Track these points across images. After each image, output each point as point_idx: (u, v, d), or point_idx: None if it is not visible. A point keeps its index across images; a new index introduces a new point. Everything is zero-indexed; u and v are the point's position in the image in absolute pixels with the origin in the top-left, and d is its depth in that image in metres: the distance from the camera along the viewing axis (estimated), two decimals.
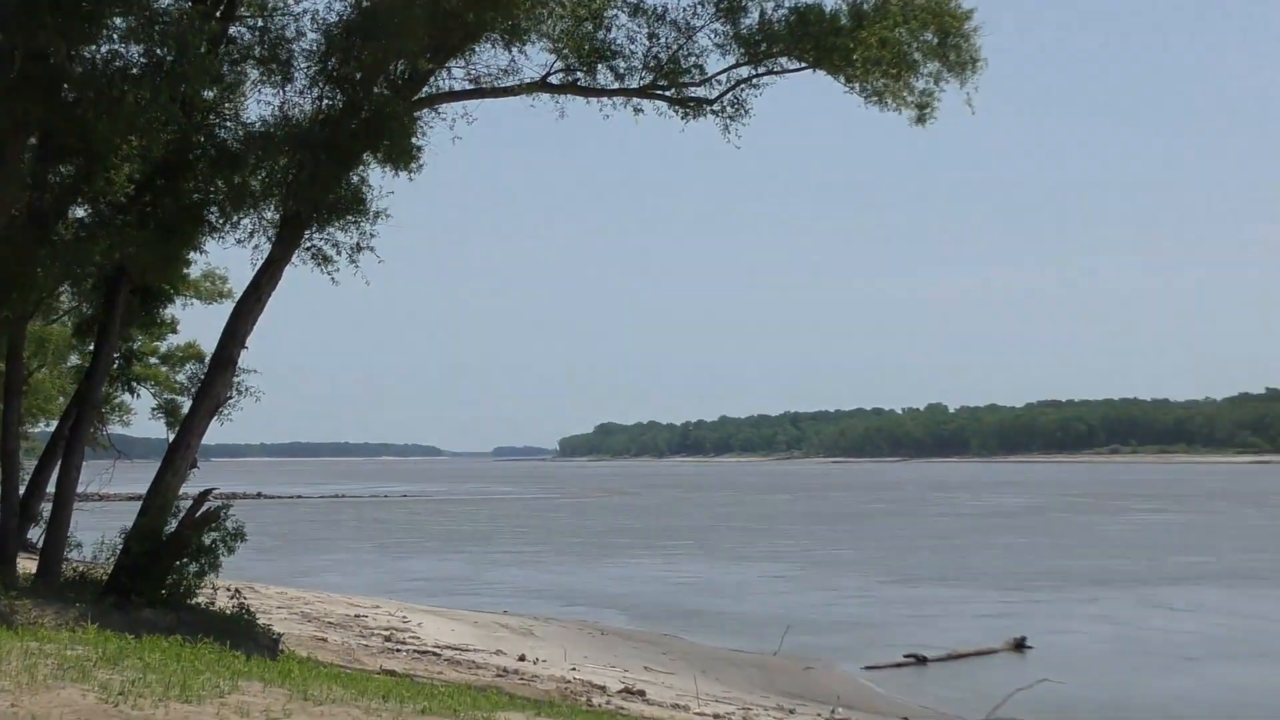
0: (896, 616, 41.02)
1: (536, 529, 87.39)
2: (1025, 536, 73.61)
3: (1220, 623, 38.39)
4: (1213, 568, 53.61)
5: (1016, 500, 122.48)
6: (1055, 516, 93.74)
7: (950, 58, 22.35)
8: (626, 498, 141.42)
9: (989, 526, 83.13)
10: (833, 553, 64.66)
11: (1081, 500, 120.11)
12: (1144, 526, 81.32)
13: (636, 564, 59.84)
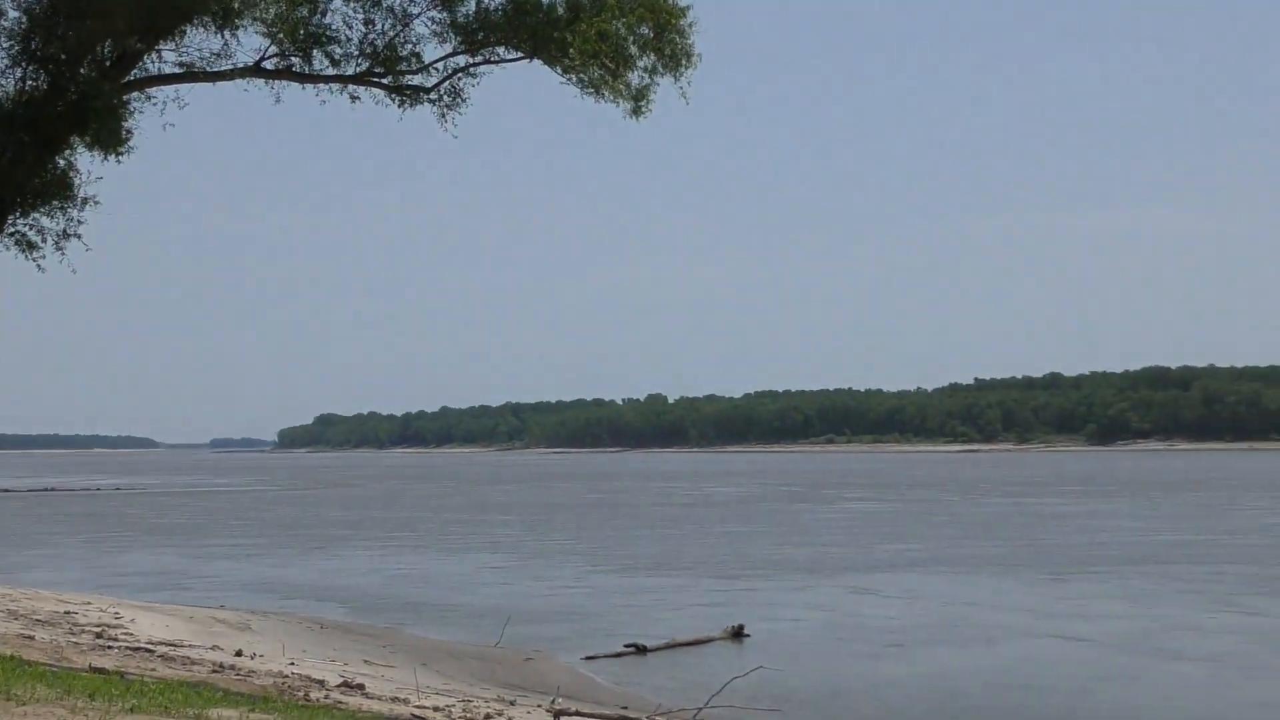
0: (616, 606, 41.26)
1: (254, 521, 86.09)
2: (741, 525, 74.77)
3: (927, 609, 39.40)
4: (919, 555, 55.05)
5: (733, 490, 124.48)
6: (770, 506, 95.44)
7: (666, 52, 22.57)
8: (346, 489, 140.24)
9: (706, 516, 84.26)
10: (552, 543, 64.87)
11: (796, 489, 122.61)
12: (856, 515, 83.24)
13: (355, 556, 59.27)
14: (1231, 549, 55.38)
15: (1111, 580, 45.54)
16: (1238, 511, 79.92)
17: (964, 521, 74.90)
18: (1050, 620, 36.64)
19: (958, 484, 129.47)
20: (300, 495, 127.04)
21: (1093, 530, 67.07)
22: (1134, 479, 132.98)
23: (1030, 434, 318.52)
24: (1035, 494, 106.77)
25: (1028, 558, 53.16)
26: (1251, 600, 39.89)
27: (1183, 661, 30.15)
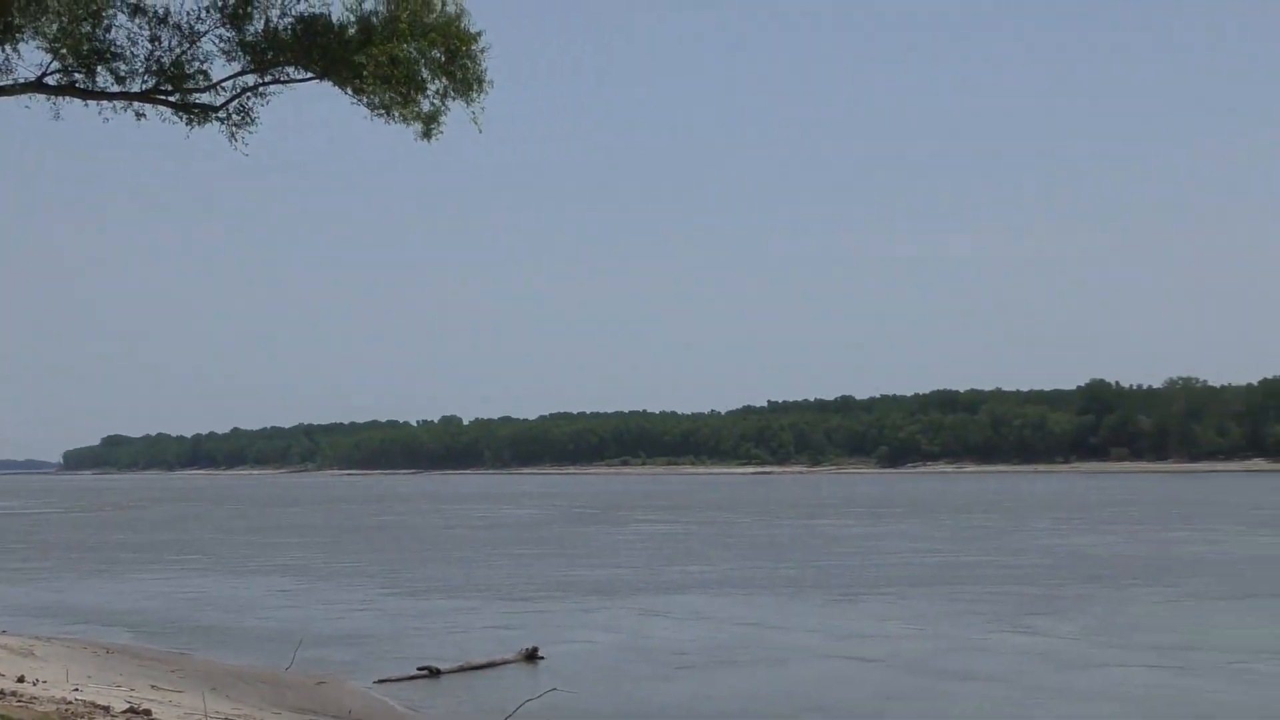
0: (407, 629, 41.03)
1: (37, 544, 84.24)
2: (533, 548, 74.71)
3: (718, 630, 39.68)
4: (711, 576, 55.49)
5: (526, 512, 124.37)
6: (563, 528, 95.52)
7: (458, 77, 22.54)
8: (133, 512, 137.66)
9: (498, 538, 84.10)
10: (342, 566, 64.28)
11: (590, 511, 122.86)
12: (648, 536, 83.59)
13: (141, 580, 58.25)
14: (1013, 570, 56.57)
15: (898, 601, 46.31)
16: (1020, 533, 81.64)
17: (755, 543, 75.60)
18: (839, 641, 37.13)
19: (750, 506, 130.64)
20: (85, 518, 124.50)
21: (880, 552, 68.09)
22: (922, 501, 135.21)
23: (822, 456, 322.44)
24: (825, 516, 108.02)
25: (816, 579, 53.83)
26: (1032, 620, 40.77)
27: (970, 681, 30.70)
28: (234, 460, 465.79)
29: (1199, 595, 46.70)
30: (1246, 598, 45.74)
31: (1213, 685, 29.61)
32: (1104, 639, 36.74)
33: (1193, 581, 50.86)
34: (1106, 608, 43.61)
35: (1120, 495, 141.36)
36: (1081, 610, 42.98)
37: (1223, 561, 59.24)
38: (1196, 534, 77.68)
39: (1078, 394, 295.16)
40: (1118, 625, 39.51)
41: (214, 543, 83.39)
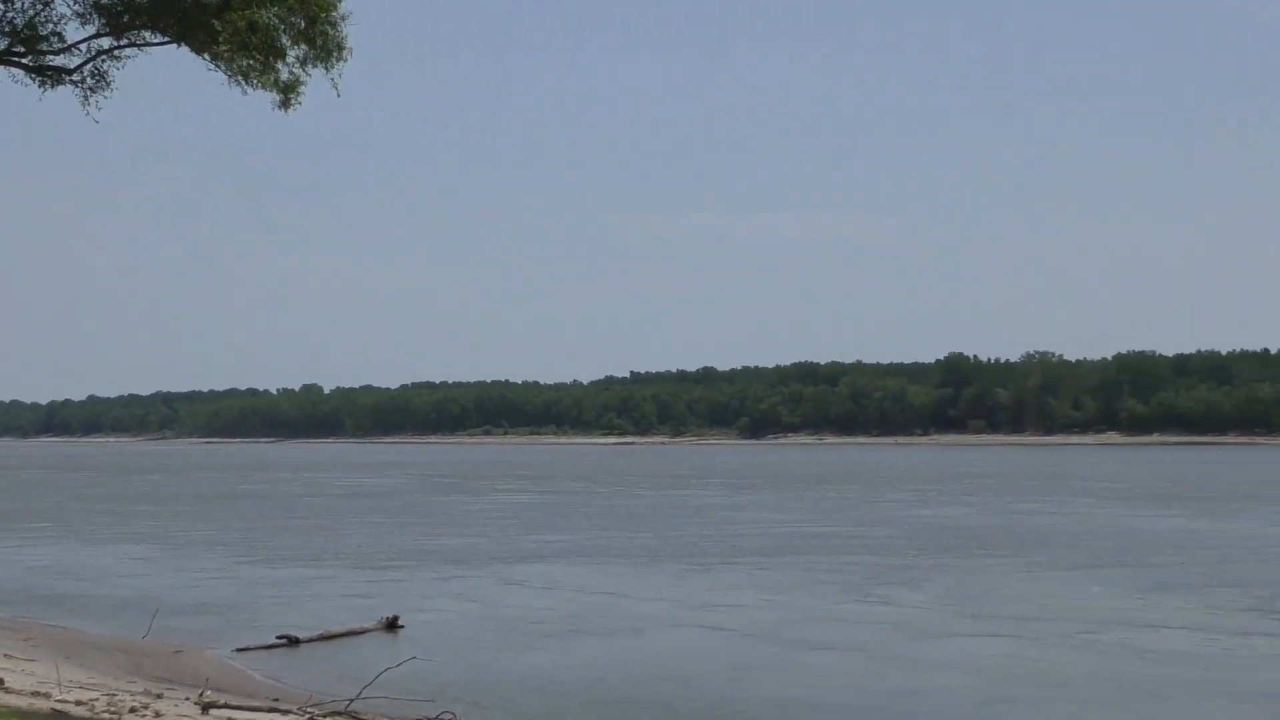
0: (265, 598, 40.82)
1: None
2: (392, 517, 74.65)
3: (576, 600, 39.86)
4: (568, 546, 55.73)
5: (385, 481, 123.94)
6: (422, 498, 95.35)
7: (317, 43, 22.35)
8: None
9: (356, 507, 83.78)
10: (196, 534, 63.83)
11: (449, 481, 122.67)
12: (507, 506, 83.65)
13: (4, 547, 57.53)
14: (867, 540, 57.32)
15: (753, 571, 46.78)
16: (874, 504, 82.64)
17: (613, 513, 75.89)
18: (695, 611, 37.43)
19: (609, 476, 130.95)
20: None
21: (736, 522, 68.69)
22: (780, 472, 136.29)
23: (684, 427, 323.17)
24: (684, 486, 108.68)
25: (672, 549, 54.22)
26: (885, 590, 41.33)
27: (825, 651, 31.10)
28: (90, 428, 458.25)
29: (1046, 566, 47.56)
30: (1091, 569, 46.63)
31: (1063, 656, 30.21)
32: (955, 609, 37.39)
33: (1041, 552, 51.86)
34: (957, 578, 44.34)
35: (976, 467, 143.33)
36: (933, 580, 43.68)
37: (1070, 533, 60.39)
38: (1047, 506, 79.08)
39: (936, 367, 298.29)
40: (968, 595, 40.21)
41: (68, 510, 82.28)
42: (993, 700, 25.41)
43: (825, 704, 25.11)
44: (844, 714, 24.22)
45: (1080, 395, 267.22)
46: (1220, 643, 31.88)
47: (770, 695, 25.89)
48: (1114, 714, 24.43)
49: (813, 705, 24.95)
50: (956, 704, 25.13)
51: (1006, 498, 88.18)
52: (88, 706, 20.97)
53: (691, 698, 25.70)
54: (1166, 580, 43.36)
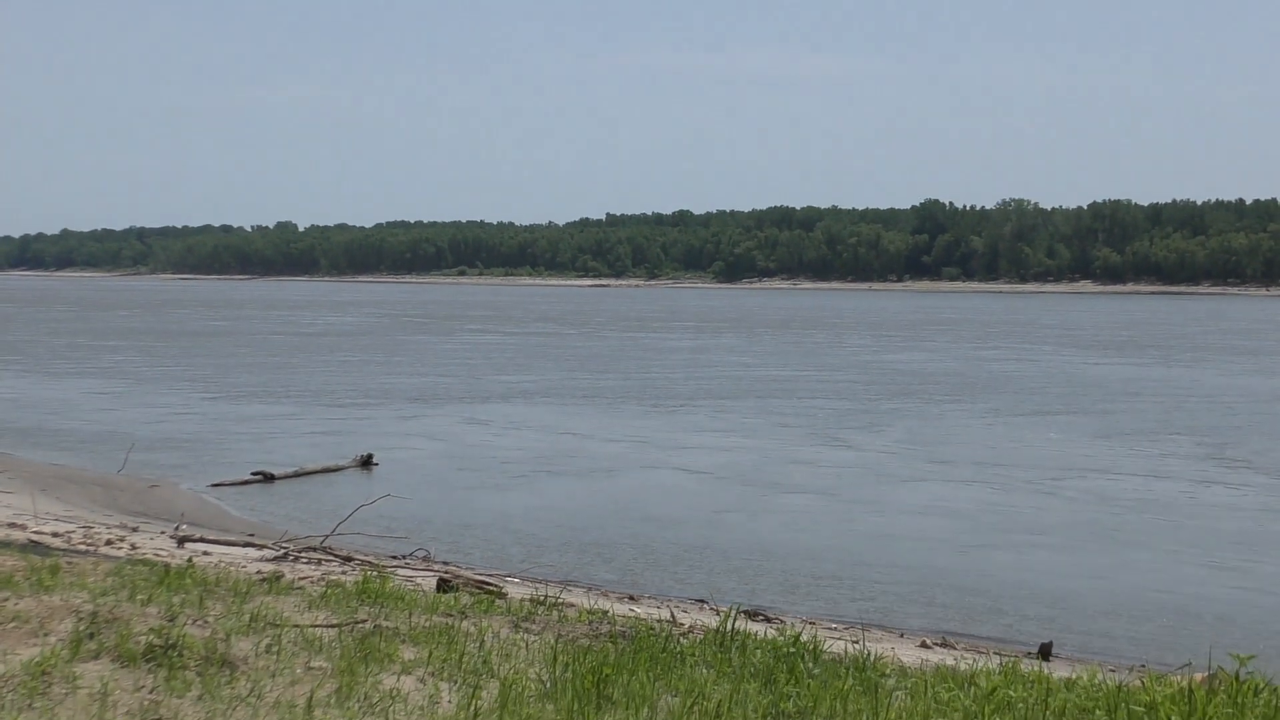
0: (236, 435, 40.92)
1: None
2: (361, 355, 75.04)
3: (545, 440, 40.03)
4: (535, 386, 56.06)
5: (354, 319, 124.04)
6: (391, 337, 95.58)
7: None
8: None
9: (325, 345, 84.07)
10: (165, 370, 63.89)
11: (419, 321, 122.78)
12: (474, 347, 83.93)
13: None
14: (829, 385, 57.69)
15: (717, 414, 47.10)
16: (839, 349, 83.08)
17: (579, 355, 76.23)
18: (664, 452, 37.66)
19: (578, 318, 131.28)
20: None
21: (701, 365, 69.22)
22: (749, 317, 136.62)
23: (659, 270, 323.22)
24: (651, 329, 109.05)
25: (637, 391, 54.60)
26: (847, 434, 41.63)
27: (799, 494, 31.26)
28: (63, 262, 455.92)
29: (1004, 412, 47.96)
30: (1049, 415, 47.02)
31: (1031, 502, 30.43)
32: (918, 454, 37.68)
33: (999, 398, 52.48)
34: (918, 423, 44.76)
35: (947, 314, 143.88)
36: (893, 425, 44.10)
37: (1029, 379, 60.96)
38: (1009, 353, 79.62)
39: (912, 214, 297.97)
40: (929, 440, 40.57)
41: (37, 345, 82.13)
42: (969, 546, 25.57)
43: (804, 548, 25.22)
44: (823, 557, 24.35)
45: (1054, 244, 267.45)
46: (1182, 489, 32.17)
47: (749, 539, 25.99)
48: (1095, 560, 24.57)
49: (792, 549, 25.05)
50: (935, 548, 25.27)
51: (970, 344, 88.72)
52: (64, 538, 21.06)
53: (670, 540, 25.77)
54: (1121, 426, 43.84)
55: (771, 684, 8.78)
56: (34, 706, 7.31)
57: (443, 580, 16.98)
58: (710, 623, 12.66)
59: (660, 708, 8.10)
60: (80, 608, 9.74)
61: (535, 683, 8.57)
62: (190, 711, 7.43)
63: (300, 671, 8.52)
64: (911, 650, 16.13)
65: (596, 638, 10.50)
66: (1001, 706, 8.44)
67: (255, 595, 11.23)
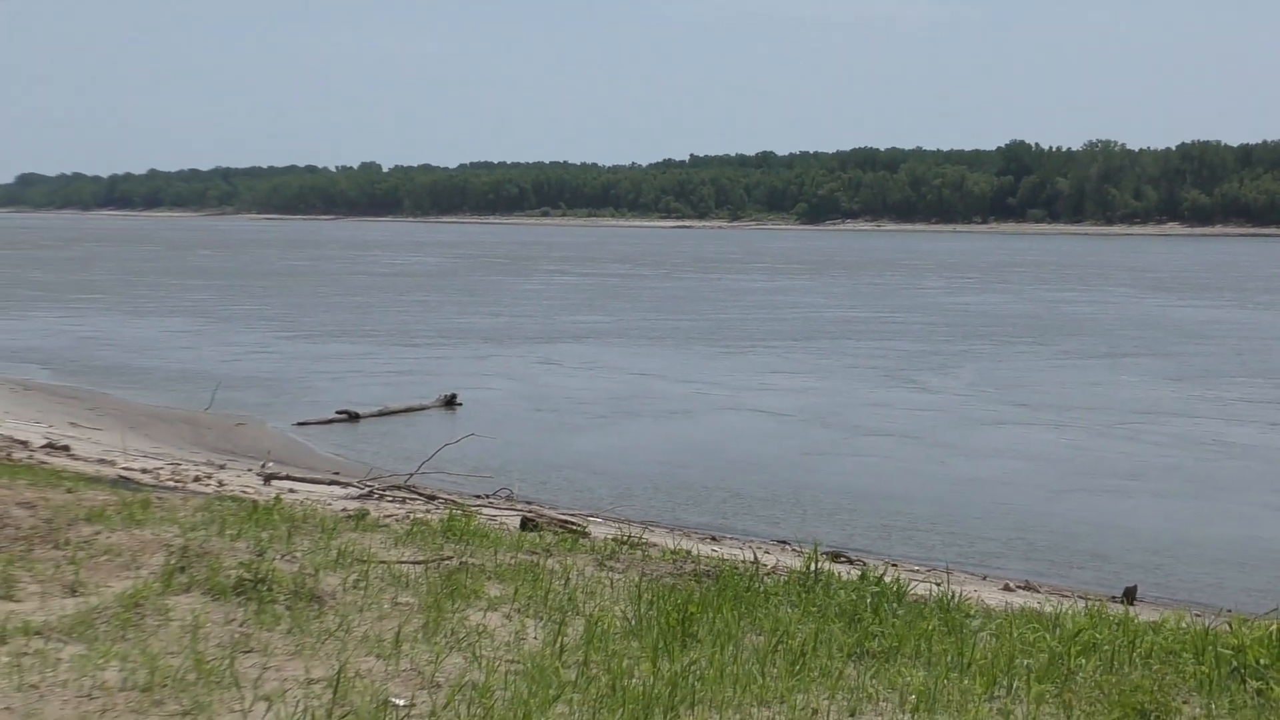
0: (319, 374, 41.23)
1: None
2: (439, 295, 75.68)
3: (619, 380, 40.08)
4: (609, 326, 56.29)
5: (434, 259, 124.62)
6: (470, 277, 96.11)
7: None
8: (49, 251, 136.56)
9: (404, 285, 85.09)
10: (251, 309, 64.48)
11: (498, 261, 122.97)
12: (551, 287, 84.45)
13: (46, 318, 58.16)
14: (903, 326, 57.88)
15: (793, 355, 47.13)
16: (916, 291, 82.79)
17: (656, 296, 76.32)
18: (741, 394, 37.63)
19: (655, 259, 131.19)
20: (5, 255, 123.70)
21: (777, 306, 69.26)
22: (830, 258, 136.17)
23: (742, 211, 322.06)
24: (731, 271, 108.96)
25: (712, 331, 54.87)
26: (922, 376, 41.42)
27: (881, 437, 31.06)
28: (151, 202, 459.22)
29: (1078, 354, 47.62)
30: (1125, 357, 46.69)
31: (1117, 446, 30.16)
32: (996, 396, 37.50)
33: (1072, 341, 52.15)
34: (995, 365, 44.70)
35: (1029, 256, 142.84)
36: (966, 366, 44.08)
37: (1107, 321, 60.48)
38: (1087, 295, 78.99)
39: (997, 155, 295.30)
40: (1005, 382, 40.40)
41: (123, 284, 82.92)
42: (1051, 491, 25.38)
43: (886, 491, 25.09)
44: (905, 500, 24.24)
45: (1142, 185, 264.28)
46: (1263, 434, 31.86)
47: (830, 481, 25.88)
48: (1179, 505, 24.35)
49: (873, 492, 24.95)
50: (1017, 492, 25.10)
51: (1047, 286, 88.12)
52: (153, 474, 21.30)
53: (752, 482, 25.72)
54: (1198, 369, 43.57)
55: (856, 623, 8.79)
56: (127, 638, 7.42)
57: (526, 519, 17.07)
58: (794, 564, 12.66)
59: (745, 645, 8.13)
60: (171, 542, 9.87)
61: (620, 620, 8.61)
62: (280, 644, 7.52)
63: (387, 607, 8.61)
64: (995, 593, 16.10)
65: (680, 576, 10.53)
66: (1087, 648, 8.41)
67: (342, 532, 11.34)
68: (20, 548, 9.44)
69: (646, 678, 7.12)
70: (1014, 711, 7.09)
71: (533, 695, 6.70)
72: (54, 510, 10.83)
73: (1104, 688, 7.56)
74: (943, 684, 7.36)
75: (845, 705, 7.04)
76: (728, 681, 7.18)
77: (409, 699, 6.65)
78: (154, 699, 6.40)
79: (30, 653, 7.00)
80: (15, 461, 19.56)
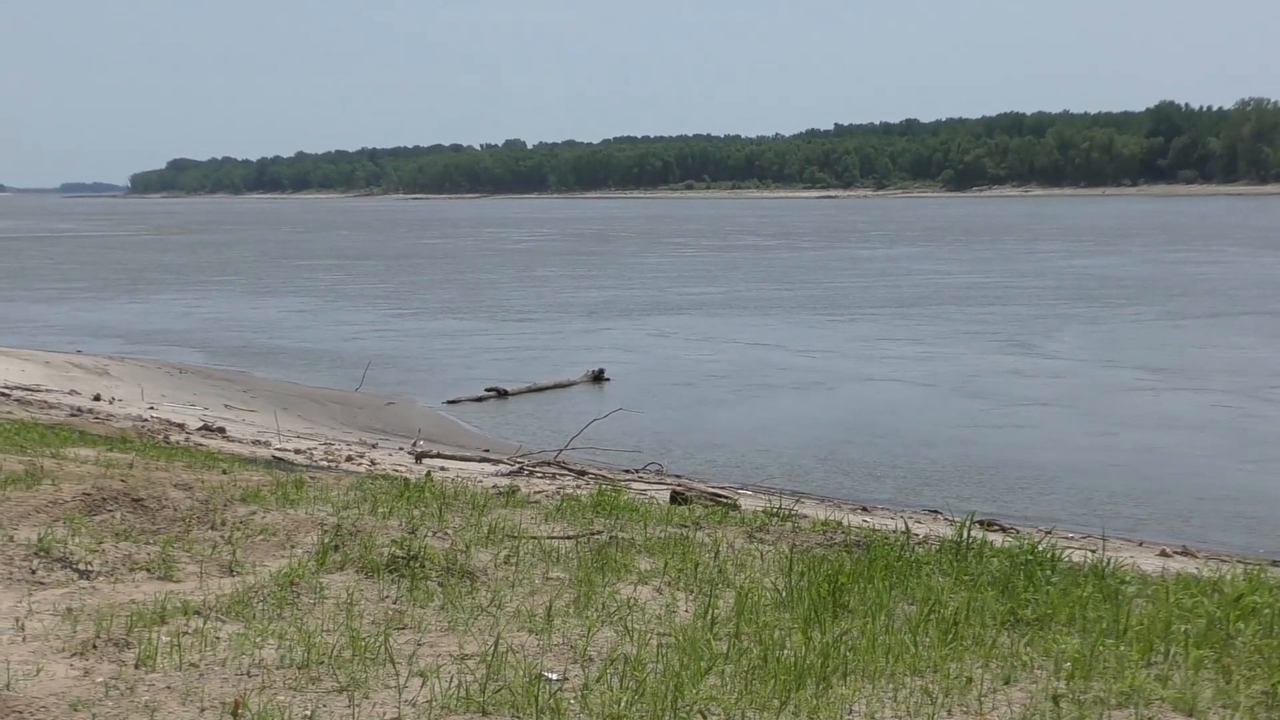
0: (455, 351, 41.61)
1: (99, 265, 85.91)
2: (567, 269, 77.42)
3: (754, 353, 39.99)
4: (729, 298, 57.49)
5: (552, 235, 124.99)
6: (596, 251, 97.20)
7: None
8: (195, 235, 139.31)
9: (535, 261, 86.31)
10: (377, 289, 65.37)
11: (626, 236, 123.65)
12: (688, 260, 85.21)
13: (211, 299, 59.44)
14: (1027, 289, 58.56)
15: (909, 322, 47.46)
16: (1033, 256, 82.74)
17: (800, 266, 76.93)
18: (875, 364, 37.51)
19: (813, 231, 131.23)
20: (148, 240, 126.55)
21: (905, 274, 70.42)
22: (960, 224, 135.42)
23: (887, 180, 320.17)
24: (856, 241, 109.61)
25: (831, 301, 55.33)
26: (1052, 344, 40.99)
27: (1034, 407, 30.59)
28: (300, 184, 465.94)
29: (1210, 315, 47.15)
30: (1243, 316, 46.22)
31: (1263, 410, 29.61)
32: (1129, 359, 37.11)
33: (1209, 302, 51.52)
34: (1123, 327, 44.86)
35: (1181, 220, 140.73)
36: (1093, 329, 44.32)
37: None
38: (1248, 257, 77.88)
39: (1146, 116, 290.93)
40: (1134, 346, 40.35)
41: (261, 266, 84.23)
42: (1213, 456, 24.87)
43: (1033, 459, 24.75)
44: (1053, 468, 23.92)
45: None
46: None
47: (976, 450, 25.56)
48: None
49: (1020, 460, 24.63)
50: (1164, 458, 24.67)
51: (1175, 250, 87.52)
52: (306, 454, 21.59)
53: (898, 452, 25.44)
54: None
55: (1009, 591, 8.70)
56: (283, 616, 7.52)
57: (676, 493, 17.07)
58: (945, 533, 12.56)
59: (897, 614, 8.07)
60: (325, 521, 9.99)
61: (771, 591, 8.59)
62: (433, 621, 7.58)
63: (539, 581, 8.65)
64: (1151, 559, 15.87)
65: (830, 547, 10.48)
66: (1246, 612, 8.25)
67: (493, 508, 11.41)
68: (178, 529, 9.60)
69: (798, 648, 7.09)
70: (1171, 678, 6.97)
71: (684, 668, 6.69)
72: (210, 491, 11.00)
73: (1264, 652, 7.42)
74: (1098, 651, 7.26)
75: (999, 673, 6.96)
76: (880, 651, 7.13)
77: (561, 673, 6.67)
78: (310, 676, 6.48)
79: (190, 632, 7.12)
80: (172, 444, 19.91)
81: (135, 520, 9.78)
